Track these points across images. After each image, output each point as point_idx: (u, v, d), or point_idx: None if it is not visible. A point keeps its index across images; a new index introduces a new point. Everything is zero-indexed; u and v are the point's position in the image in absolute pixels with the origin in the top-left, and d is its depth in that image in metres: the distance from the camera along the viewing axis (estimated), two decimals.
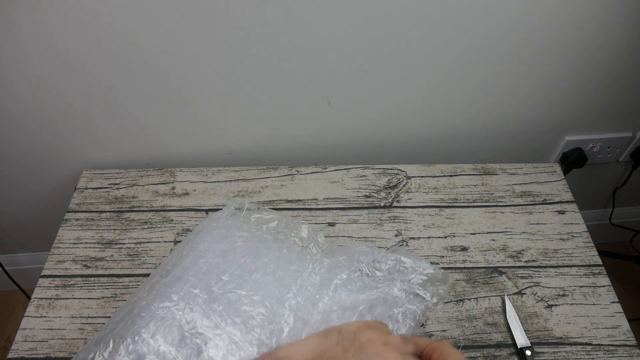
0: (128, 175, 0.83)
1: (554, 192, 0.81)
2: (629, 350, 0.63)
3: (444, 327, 0.64)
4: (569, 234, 0.75)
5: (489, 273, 0.71)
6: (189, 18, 0.66)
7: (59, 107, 0.76)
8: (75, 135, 0.81)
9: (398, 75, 0.77)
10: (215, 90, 0.76)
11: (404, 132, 0.88)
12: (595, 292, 0.69)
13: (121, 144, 0.84)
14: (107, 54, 0.69)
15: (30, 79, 0.72)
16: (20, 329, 0.65)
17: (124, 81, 0.73)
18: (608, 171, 1.05)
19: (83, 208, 0.78)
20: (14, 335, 1.02)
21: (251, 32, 0.68)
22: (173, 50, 0.70)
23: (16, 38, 0.66)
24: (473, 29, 0.71)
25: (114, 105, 0.77)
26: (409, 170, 0.84)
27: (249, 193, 0.80)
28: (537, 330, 0.65)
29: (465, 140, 0.91)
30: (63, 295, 0.68)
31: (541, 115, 0.87)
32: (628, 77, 0.81)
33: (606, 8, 0.70)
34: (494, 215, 0.78)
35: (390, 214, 0.78)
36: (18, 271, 1.12)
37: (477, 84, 0.80)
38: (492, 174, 0.83)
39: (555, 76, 0.80)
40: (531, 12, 0.69)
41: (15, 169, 0.87)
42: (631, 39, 0.75)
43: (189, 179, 0.82)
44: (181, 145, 0.86)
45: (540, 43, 0.74)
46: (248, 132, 0.84)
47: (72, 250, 0.73)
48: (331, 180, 0.82)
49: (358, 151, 0.91)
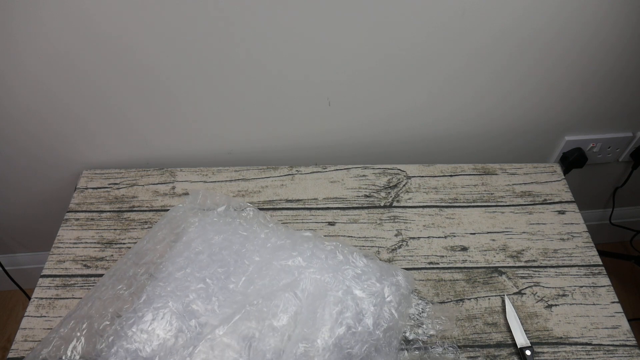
0: (128, 175, 0.83)
1: (554, 192, 0.81)
2: (629, 350, 0.63)
3: (444, 327, 0.64)
4: (569, 234, 0.75)
5: (489, 273, 0.71)
6: (188, 18, 0.66)
7: (58, 108, 0.76)
8: (75, 136, 0.81)
9: (398, 75, 0.77)
10: (215, 90, 0.76)
11: (404, 132, 0.88)
12: (595, 292, 0.69)
13: (121, 144, 0.84)
14: (107, 54, 0.69)
15: (30, 81, 0.72)
16: (20, 328, 0.65)
17: (124, 82, 0.73)
18: (608, 171, 1.05)
19: (83, 208, 0.78)
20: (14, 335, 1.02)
21: (251, 33, 0.68)
22: (173, 51, 0.70)
23: (15, 40, 0.66)
24: (473, 29, 0.71)
25: (114, 106, 0.77)
26: (409, 170, 0.84)
27: (249, 193, 0.80)
28: (537, 330, 0.65)
29: (465, 140, 0.91)
30: (63, 295, 0.68)
31: (541, 115, 0.87)
32: (628, 77, 0.81)
33: (606, 9, 0.70)
34: (494, 215, 0.78)
35: (390, 214, 0.78)
36: (18, 271, 1.12)
37: (477, 84, 0.80)
38: (492, 174, 0.83)
39: (555, 76, 0.80)
40: (531, 12, 0.69)
41: (15, 170, 0.87)
42: (631, 40, 0.75)
43: (189, 178, 0.82)
44: (181, 145, 0.86)
45: (541, 43, 0.74)
46: (248, 132, 0.84)
47: (72, 250, 0.73)
48: (331, 180, 0.82)
49: (358, 151, 0.91)
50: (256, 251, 0.65)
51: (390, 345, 0.59)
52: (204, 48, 0.70)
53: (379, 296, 0.61)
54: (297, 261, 0.63)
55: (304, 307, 0.59)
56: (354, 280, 0.62)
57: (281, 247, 0.65)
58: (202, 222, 0.69)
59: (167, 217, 0.70)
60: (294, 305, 0.59)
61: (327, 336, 0.56)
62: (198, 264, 0.64)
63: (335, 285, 0.61)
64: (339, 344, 0.57)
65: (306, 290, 0.60)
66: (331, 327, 0.57)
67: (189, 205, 0.72)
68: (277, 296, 0.59)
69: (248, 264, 0.64)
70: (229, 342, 0.56)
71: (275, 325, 0.57)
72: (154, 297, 0.60)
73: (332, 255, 0.64)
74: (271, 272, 0.62)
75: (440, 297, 0.68)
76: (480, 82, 0.79)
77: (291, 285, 0.61)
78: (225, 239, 0.66)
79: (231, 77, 0.75)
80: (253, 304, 0.59)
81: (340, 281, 0.61)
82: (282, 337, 0.57)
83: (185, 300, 0.60)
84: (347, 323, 0.58)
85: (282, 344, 0.56)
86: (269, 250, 0.65)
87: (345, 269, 0.63)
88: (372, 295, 0.61)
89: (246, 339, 0.56)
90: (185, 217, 0.69)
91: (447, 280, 0.70)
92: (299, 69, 0.74)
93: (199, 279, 0.62)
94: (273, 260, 0.64)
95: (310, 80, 0.76)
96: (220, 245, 0.65)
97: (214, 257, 0.64)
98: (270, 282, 0.61)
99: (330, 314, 0.58)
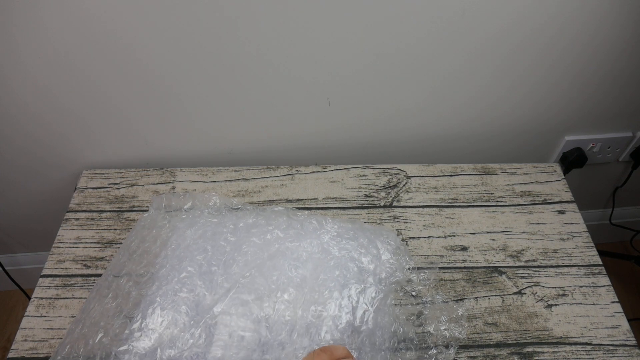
0: (128, 175, 0.83)
1: (554, 192, 0.81)
2: (629, 350, 0.63)
3: (444, 327, 0.64)
4: (569, 234, 0.75)
5: (489, 273, 0.71)
6: (188, 18, 0.66)
7: (58, 108, 0.76)
8: (75, 136, 0.81)
9: (398, 75, 0.77)
10: (215, 90, 0.76)
11: (404, 132, 0.88)
12: (595, 292, 0.69)
13: (121, 144, 0.84)
14: (107, 54, 0.69)
15: (30, 81, 0.72)
16: (20, 328, 0.65)
17: (124, 81, 0.73)
18: (608, 171, 1.05)
19: (83, 208, 0.78)
20: (14, 335, 1.02)
21: (251, 33, 0.68)
22: (173, 51, 0.70)
23: (15, 40, 0.66)
24: (473, 29, 0.71)
25: (114, 106, 0.77)
26: (409, 170, 0.84)
27: (249, 193, 0.80)
28: (537, 330, 0.65)
29: (465, 140, 0.91)
30: (63, 295, 0.68)
31: (541, 115, 0.87)
32: (628, 77, 0.81)
33: (606, 8, 0.70)
34: (494, 215, 0.78)
35: (390, 214, 0.78)
36: (18, 271, 1.12)
37: (477, 83, 0.80)
38: (492, 173, 0.83)
39: (555, 76, 0.80)
40: (531, 12, 0.69)
41: (15, 170, 0.87)
42: (631, 39, 0.75)
43: (189, 178, 0.82)
44: (181, 145, 0.86)
45: (541, 43, 0.74)
46: (248, 132, 0.85)
47: (72, 250, 0.73)
48: (331, 180, 0.82)
49: (358, 151, 0.91)
50: (229, 232, 0.67)
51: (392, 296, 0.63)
52: (204, 48, 0.70)
53: (370, 253, 0.65)
54: (274, 234, 0.66)
55: (304, 273, 0.63)
56: (334, 241, 0.66)
57: (254, 224, 0.68)
58: (172, 222, 0.70)
59: (135, 229, 0.71)
60: (291, 272, 0.63)
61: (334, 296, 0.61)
62: (176, 258, 0.65)
63: (317, 247, 0.65)
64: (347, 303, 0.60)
65: (299, 257, 0.64)
66: (334, 288, 0.61)
67: (154, 211, 0.73)
68: (269, 266, 0.62)
69: (225, 244, 0.66)
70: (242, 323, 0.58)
71: (281, 296, 0.60)
72: (141, 299, 0.61)
73: (307, 222, 0.68)
74: (252, 249, 0.65)
75: (440, 297, 0.68)
76: (480, 81, 0.79)
77: (275, 255, 0.64)
78: (198, 229, 0.69)
79: (231, 77, 0.75)
80: (245, 276, 0.61)
81: (318, 245, 0.65)
82: (291, 306, 0.59)
83: (174, 295, 0.61)
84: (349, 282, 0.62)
85: (293, 312, 0.59)
86: (243, 229, 0.67)
87: (320, 233, 0.67)
88: (363, 248, 0.66)
89: (257, 319, 0.58)
90: (154, 223, 0.71)
91: (447, 280, 0.70)
92: (299, 69, 0.74)
93: (180, 269, 0.64)
94: (251, 237, 0.66)
95: (310, 80, 0.76)
96: (193, 236, 0.67)
97: (190, 248, 0.66)
98: (252, 258, 0.64)
99: (330, 277, 0.62)
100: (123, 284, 0.63)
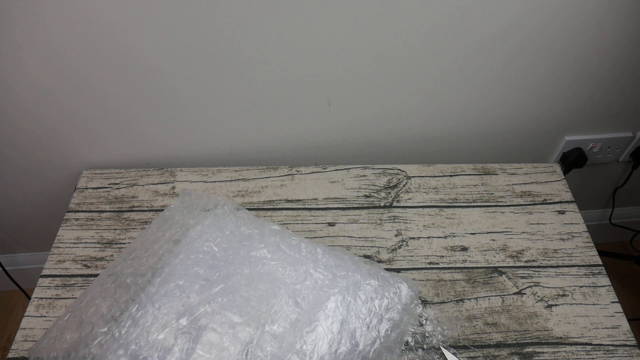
0: (128, 175, 0.83)
1: (554, 192, 0.81)
2: (629, 350, 0.63)
3: (444, 327, 0.64)
4: (569, 234, 0.75)
5: (489, 273, 0.71)
6: (188, 18, 0.66)
7: (58, 108, 0.76)
8: (75, 136, 0.81)
9: (398, 75, 0.77)
10: (215, 90, 0.76)
11: (404, 132, 0.88)
12: (595, 292, 0.69)
13: (121, 144, 0.84)
14: (107, 54, 0.69)
15: (30, 81, 0.72)
16: (20, 328, 0.65)
17: (124, 81, 0.73)
18: (608, 171, 1.05)
19: (83, 208, 0.78)
20: (14, 335, 1.02)
21: (251, 33, 0.68)
22: (173, 51, 0.70)
23: (15, 40, 0.66)
24: (473, 29, 0.71)
25: (113, 106, 0.77)
26: (409, 170, 0.84)
27: (249, 193, 0.80)
28: (537, 330, 0.65)
29: (465, 140, 0.91)
30: (63, 295, 0.68)
31: (541, 115, 0.87)
32: (628, 77, 0.81)
33: (605, 9, 0.70)
34: (494, 215, 0.78)
35: (390, 214, 0.78)
36: (18, 271, 1.12)
37: (477, 83, 0.80)
38: (492, 174, 0.83)
39: (555, 76, 0.80)
40: (531, 12, 0.69)
41: (15, 170, 0.87)
42: (631, 39, 0.75)
43: (189, 178, 0.82)
44: (181, 145, 0.86)
45: (540, 43, 0.74)
46: (248, 132, 0.85)
47: (72, 250, 0.73)
48: (331, 180, 0.82)
49: (358, 151, 0.91)
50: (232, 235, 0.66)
51: None
52: (204, 48, 0.70)
53: None
54: (261, 253, 0.64)
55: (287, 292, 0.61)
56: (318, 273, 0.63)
57: (249, 236, 0.66)
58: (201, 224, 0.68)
59: (157, 222, 0.69)
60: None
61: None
62: (180, 264, 0.63)
63: (296, 275, 0.62)
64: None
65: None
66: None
67: (179, 205, 0.71)
68: (269, 293, 0.60)
69: (232, 258, 0.64)
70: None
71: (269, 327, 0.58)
72: (130, 302, 0.60)
73: (296, 249, 0.65)
74: (237, 258, 0.63)
75: (440, 297, 0.68)
76: (480, 81, 0.79)
77: (275, 282, 0.62)
78: (208, 238, 0.66)
79: (231, 77, 0.75)
80: (243, 296, 0.60)
81: (304, 272, 0.62)
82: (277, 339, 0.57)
83: (183, 300, 0.60)
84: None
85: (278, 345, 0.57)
86: (237, 238, 0.66)
87: (307, 263, 0.64)
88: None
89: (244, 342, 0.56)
90: (183, 219, 0.69)
91: (447, 281, 0.70)
92: (299, 69, 0.74)
93: (180, 275, 0.62)
94: (240, 250, 0.64)
95: (310, 80, 0.76)
96: (200, 248, 0.65)
97: (193, 258, 0.64)
98: (235, 270, 0.62)
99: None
100: (132, 276, 0.62)
